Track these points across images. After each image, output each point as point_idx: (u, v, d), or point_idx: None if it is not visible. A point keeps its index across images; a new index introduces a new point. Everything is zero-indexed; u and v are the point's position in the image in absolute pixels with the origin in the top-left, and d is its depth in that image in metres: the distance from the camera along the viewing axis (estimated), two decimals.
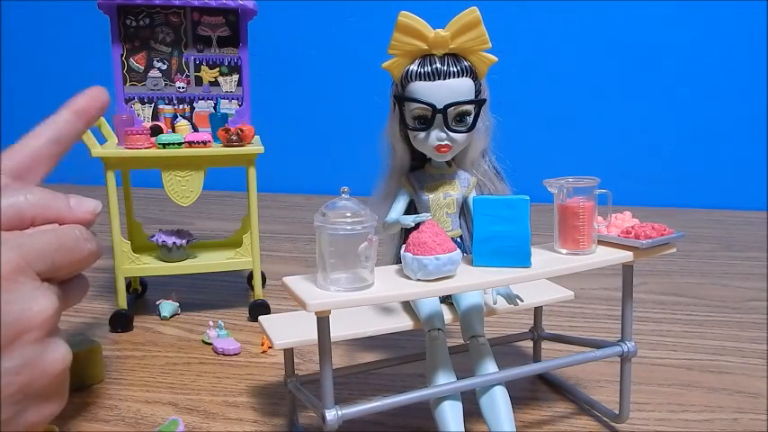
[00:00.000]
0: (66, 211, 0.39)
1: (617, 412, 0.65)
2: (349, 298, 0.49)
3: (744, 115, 1.65)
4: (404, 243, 0.54)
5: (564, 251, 0.59)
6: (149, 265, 0.90)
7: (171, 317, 0.93)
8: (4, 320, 0.29)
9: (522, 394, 0.72)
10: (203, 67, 0.92)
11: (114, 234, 0.86)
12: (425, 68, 0.58)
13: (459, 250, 0.53)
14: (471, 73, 0.59)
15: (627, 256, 0.59)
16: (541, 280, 0.71)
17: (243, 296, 1.02)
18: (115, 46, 0.89)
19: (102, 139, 0.91)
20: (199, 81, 0.92)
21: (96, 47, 1.18)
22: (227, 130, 0.87)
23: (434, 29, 0.57)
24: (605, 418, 0.67)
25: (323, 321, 0.50)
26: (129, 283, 0.99)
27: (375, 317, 0.63)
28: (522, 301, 0.66)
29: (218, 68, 0.92)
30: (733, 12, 1.60)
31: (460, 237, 0.64)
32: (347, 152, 1.61)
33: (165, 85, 0.91)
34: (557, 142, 1.70)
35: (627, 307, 0.63)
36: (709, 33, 1.62)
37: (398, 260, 0.55)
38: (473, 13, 0.57)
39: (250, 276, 1.03)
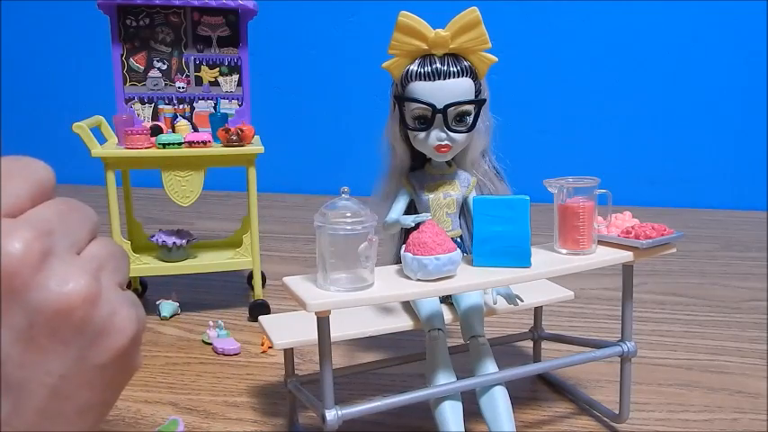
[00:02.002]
0: None
1: (617, 412, 0.65)
2: (349, 298, 0.49)
3: (744, 115, 1.65)
4: (404, 243, 0.54)
5: (564, 251, 0.59)
6: (149, 265, 0.90)
7: (171, 317, 0.93)
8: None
9: (522, 394, 0.72)
10: (203, 67, 0.92)
11: (114, 234, 0.86)
12: (425, 68, 0.58)
13: (459, 250, 0.53)
14: (471, 73, 0.59)
15: (627, 256, 0.59)
16: (541, 280, 0.71)
17: (243, 296, 1.02)
18: (115, 46, 0.89)
19: (102, 139, 0.91)
20: (199, 81, 0.92)
21: (96, 47, 1.18)
22: (227, 130, 0.87)
23: (434, 29, 0.57)
24: (605, 418, 0.67)
25: (323, 321, 0.50)
26: (129, 283, 0.99)
27: (375, 317, 0.63)
28: (522, 301, 0.66)
29: (218, 68, 0.92)
30: (733, 12, 1.60)
31: (460, 237, 0.64)
32: (347, 152, 1.61)
33: (165, 85, 0.91)
34: (557, 142, 1.69)
35: (627, 307, 0.63)
36: (710, 33, 1.62)
37: (398, 260, 0.55)
38: (473, 13, 0.57)
39: (250, 276, 1.03)
